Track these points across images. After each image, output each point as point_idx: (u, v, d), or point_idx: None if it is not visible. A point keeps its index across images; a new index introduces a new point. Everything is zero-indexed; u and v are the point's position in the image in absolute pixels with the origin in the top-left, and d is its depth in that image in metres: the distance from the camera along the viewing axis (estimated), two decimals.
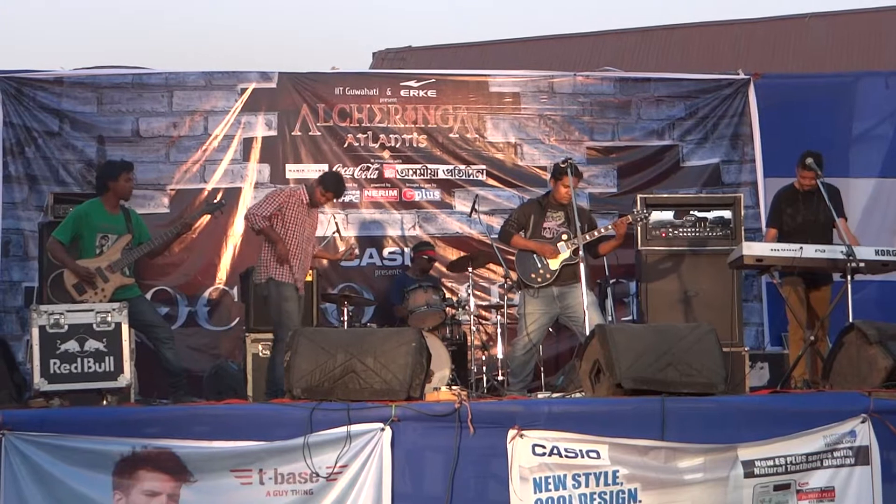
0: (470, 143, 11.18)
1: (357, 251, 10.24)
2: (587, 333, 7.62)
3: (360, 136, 11.06)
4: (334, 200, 9.52)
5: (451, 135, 11.17)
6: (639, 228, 9.55)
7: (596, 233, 8.99)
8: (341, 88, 11.09)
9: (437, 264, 10.85)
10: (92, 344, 7.35)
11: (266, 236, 8.90)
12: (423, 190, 11.13)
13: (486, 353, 10.21)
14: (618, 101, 11.31)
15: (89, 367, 7.32)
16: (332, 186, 9.21)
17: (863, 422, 6.55)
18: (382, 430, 6.29)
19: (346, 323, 9.75)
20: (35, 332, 7.32)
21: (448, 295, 10.56)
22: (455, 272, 10.71)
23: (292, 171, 10.92)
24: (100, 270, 8.18)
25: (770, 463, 6.46)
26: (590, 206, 10.76)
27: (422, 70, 11.68)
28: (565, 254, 8.93)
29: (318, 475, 6.23)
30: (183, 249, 10.55)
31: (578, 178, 9.09)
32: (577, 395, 7.48)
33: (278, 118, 10.96)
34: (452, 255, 10.90)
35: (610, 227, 9.07)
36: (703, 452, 6.42)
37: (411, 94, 11.16)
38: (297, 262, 8.94)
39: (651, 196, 9.97)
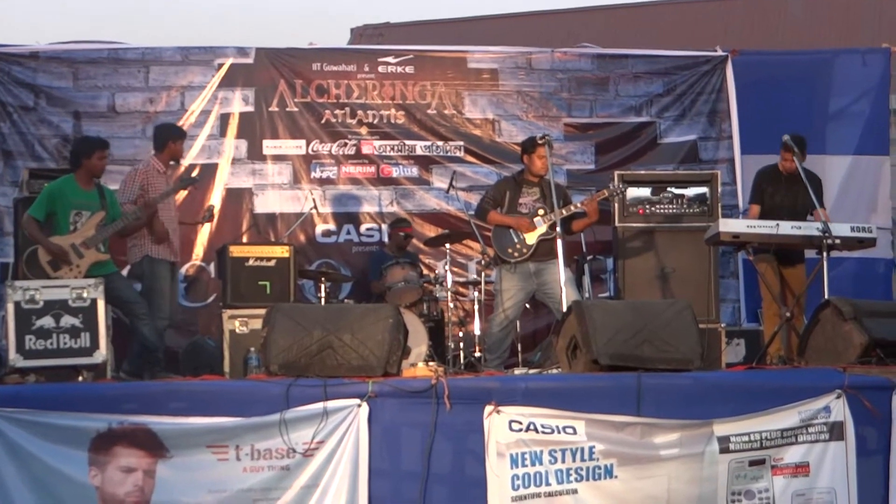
0: (448, 120, 11.15)
1: (215, 210, 10.17)
2: (564, 310, 7.62)
3: (337, 112, 11.00)
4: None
5: (428, 111, 11.13)
6: (616, 205, 9.56)
7: (572, 208, 8.99)
8: (319, 64, 11.03)
9: (414, 240, 10.83)
10: (68, 320, 7.32)
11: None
12: (401, 166, 11.09)
13: (463, 329, 10.21)
14: (595, 78, 11.30)
15: (65, 343, 7.29)
16: (175, 132, 9.29)
17: (837, 398, 6.59)
18: (359, 406, 6.29)
19: (323, 299, 9.74)
20: (10, 307, 7.28)
21: (425, 271, 10.56)
22: (432, 248, 10.71)
23: (269, 147, 10.87)
24: (74, 247, 8.14)
25: (745, 438, 6.50)
26: (567, 182, 10.77)
27: (400, 46, 11.61)
28: (542, 228, 8.93)
29: (294, 451, 6.24)
30: None
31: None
32: (554, 371, 7.50)
33: (255, 94, 10.89)
34: (430, 231, 10.88)
35: (579, 205, 9.05)
36: (678, 428, 6.45)
37: (389, 70, 11.11)
38: (174, 236, 9.04)
39: (628, 173, 9.95)
